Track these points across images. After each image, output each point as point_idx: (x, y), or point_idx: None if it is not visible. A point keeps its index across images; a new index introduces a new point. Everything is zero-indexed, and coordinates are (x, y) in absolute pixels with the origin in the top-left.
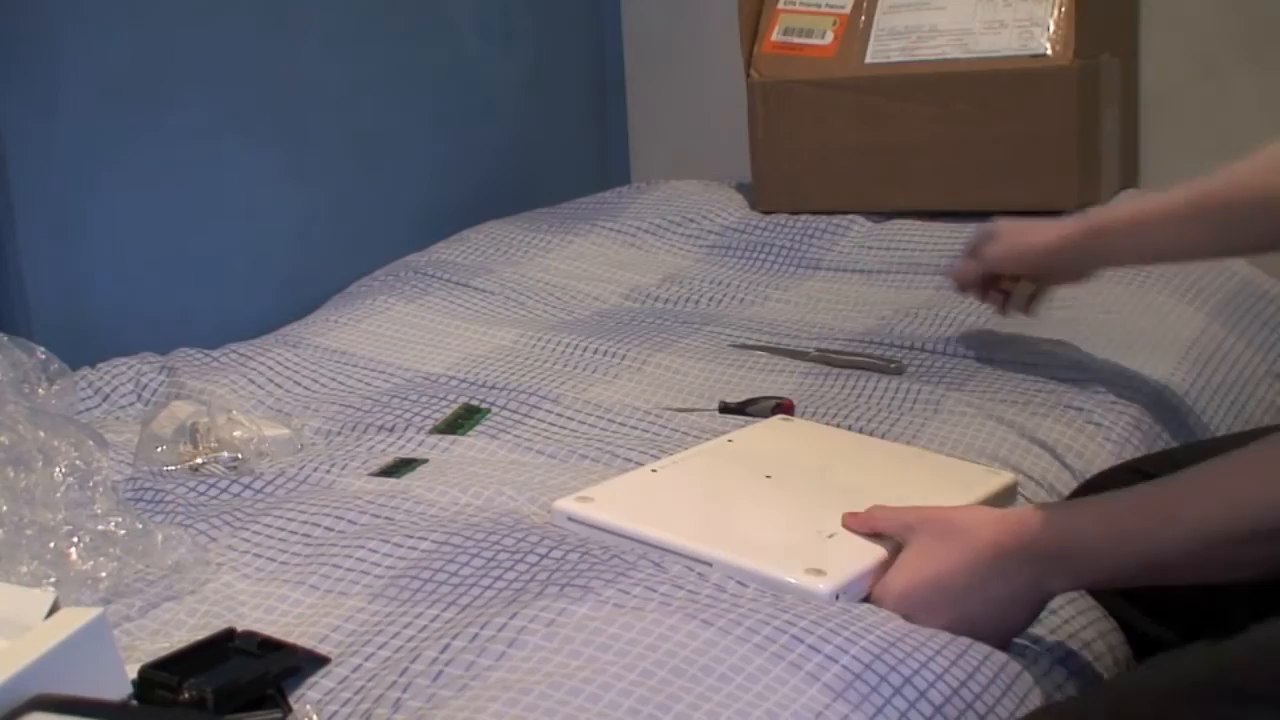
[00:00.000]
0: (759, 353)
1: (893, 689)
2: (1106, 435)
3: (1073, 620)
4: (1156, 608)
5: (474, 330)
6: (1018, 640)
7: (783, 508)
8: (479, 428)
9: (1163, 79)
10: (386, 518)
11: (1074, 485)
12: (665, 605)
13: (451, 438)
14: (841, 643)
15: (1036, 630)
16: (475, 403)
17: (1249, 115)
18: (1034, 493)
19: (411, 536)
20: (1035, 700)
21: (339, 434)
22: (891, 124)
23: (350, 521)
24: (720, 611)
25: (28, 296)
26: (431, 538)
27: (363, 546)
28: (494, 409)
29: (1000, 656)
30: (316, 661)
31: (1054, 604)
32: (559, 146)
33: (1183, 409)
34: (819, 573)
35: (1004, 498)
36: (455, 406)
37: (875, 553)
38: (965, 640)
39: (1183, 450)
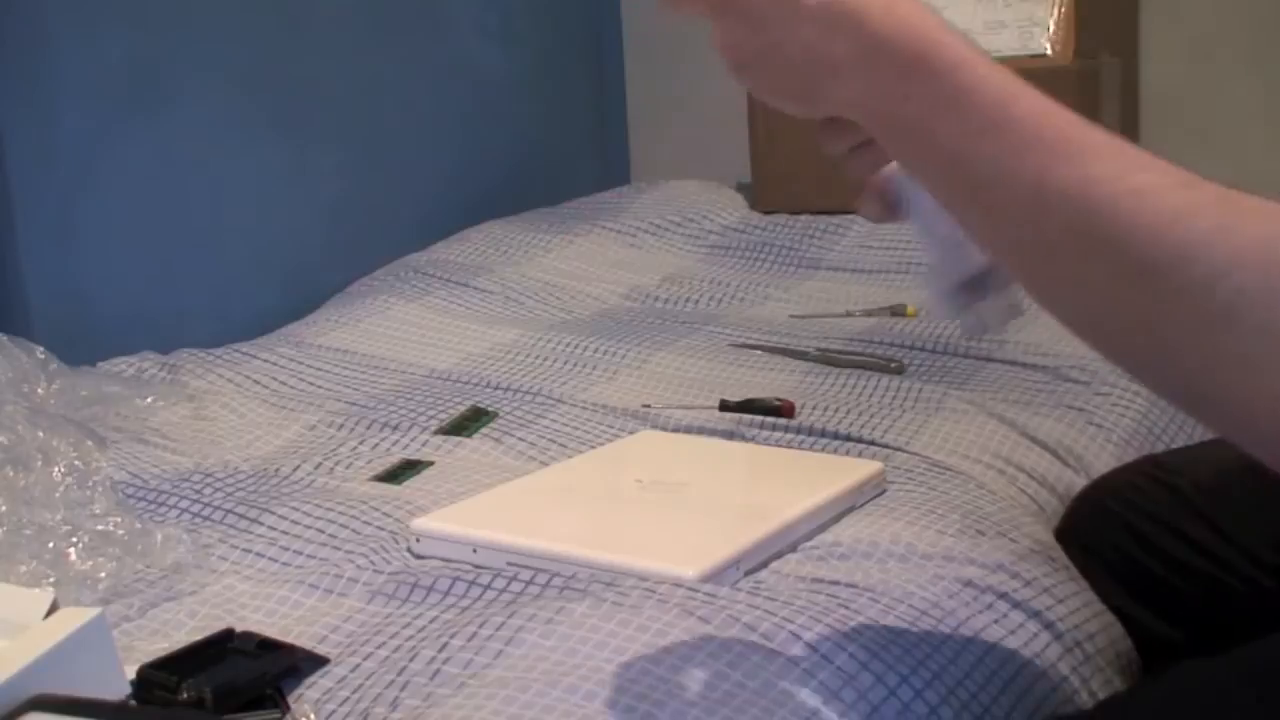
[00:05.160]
0: (759, 352)
1: (888, 690)
2: (1108, 436)
3: (1074, 614)
4: (1166, 608)
5: (475, 330)
6: (1018, 638)
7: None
8: (483, 431)
9: (1163, 79)
10: (388, 525)
11: (1076, 484)
12: (662, 603)
13: (456, 439)
14: (840, 639)
15: (1035, 624)
16: (483, 405)
17: (1249, 115)
18: (1036, 492)
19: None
20: (1035, 697)
21: (340, 430)
22: None
23: (354, 531)
24: (718, 608)
25: (28, 296)
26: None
27: (363, 547)
28: (498, 411)
29: (1000, 652)
30: (315, 661)
31: (1058, 594)
32: (559, 146)
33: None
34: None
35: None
36: (463, 408)
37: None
38: (964, 636)
39: (1196, 448)
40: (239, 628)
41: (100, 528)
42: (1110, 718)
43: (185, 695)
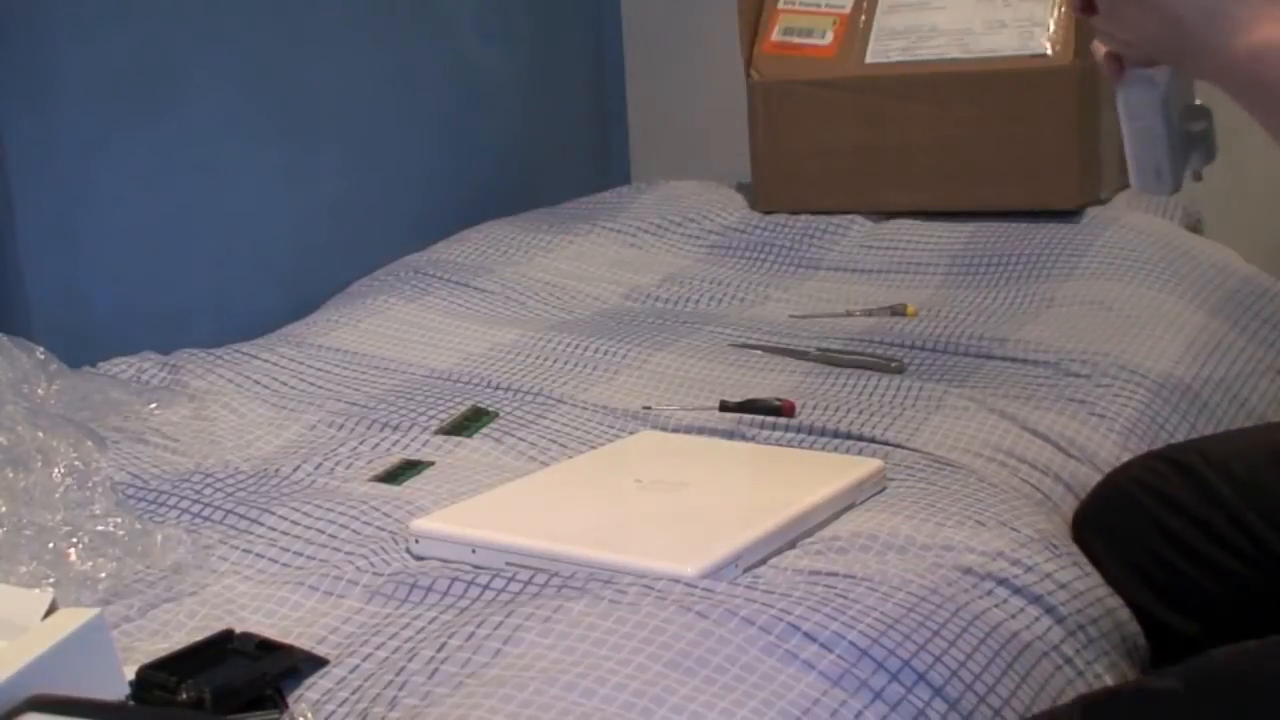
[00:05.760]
0: (759, 352)
1: (890, 675)
2: (1110, 426)
3: (1076, 599)
4: (1183, 599)
5: (475, 330)
6: (1019, 622)
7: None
8: (483, 431)
9: None
10: (388, 525)
11: (1081, 473)
12: (660, 599)
13: (456, 439)
14: (839, 628)
15: (1036, 609)
16: (483, 405)
17: (1248, 114)
18: (1039, 481)
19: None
20: (1038, 679)
21: (340, 430)
22: (891, 124)
23: (354, 531)
24: (716, 603)
25: (28, 296)
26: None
27: (363, 548)
28: (498, 411)
29: (1001, 635)
30: (314, 662)
31: (1060, 580)
32: (559, 147)
33: (1186, 401)
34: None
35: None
36: (464, 408)
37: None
38: (964, 619)
39: (1223, 436)
40: (239, 628)
41: (100, 528)
42: (1152, 697)
43: (184, 696)
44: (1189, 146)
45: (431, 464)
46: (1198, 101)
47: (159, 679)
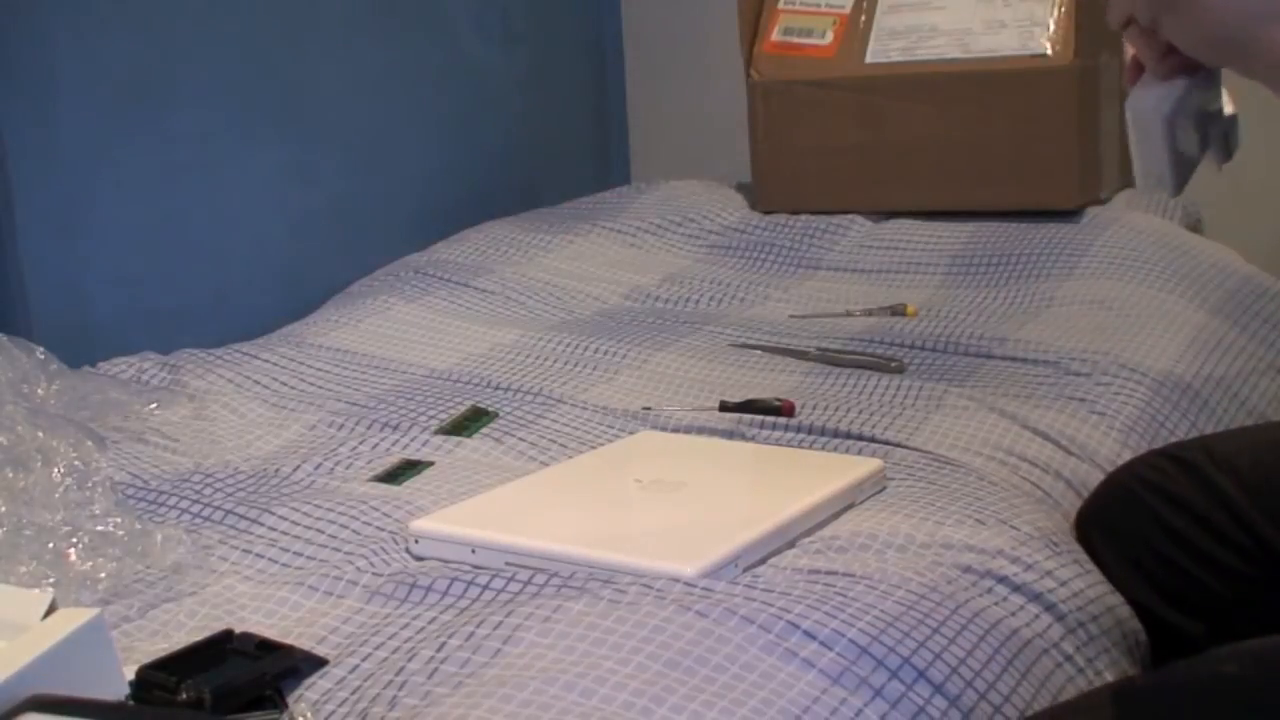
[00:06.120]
0: (759, 352)
1: (890, 672)
2: (1110, 424)
3: (1076, 597)
4: (1180, 597)
5: (475, 330)
6: (1019, 619)
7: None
8: (483, 431)
9: None
10: (388, 525)
11: (1082, 470)
12: (660, 598)
13: (456, 439)
14: (839, 625)
15: (1036, 606)
16: (483, 405)
17: (1248, 114)
18: (1039, 479)
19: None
20: (1038, 675)
21: (340, 430)
22: (891, 124)
23: (354, 531)
24: (715, 602)
25: (28, 296)
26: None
27: (362, 548)
28: (498, 411)
29: (1001, 632)
30: (314, 662)
31: (1060, 577)
32: (559, 146)
33: (1186, 399)
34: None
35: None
36: (463, 408)
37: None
38: (964, 617)
39: (1232, 434)
40: (238, 628)
41: (100, 528)
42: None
43: (184, 696)
44: (1204, 148)
45: (431, 464)
46: (1228, 109)
47: (159, 679)
